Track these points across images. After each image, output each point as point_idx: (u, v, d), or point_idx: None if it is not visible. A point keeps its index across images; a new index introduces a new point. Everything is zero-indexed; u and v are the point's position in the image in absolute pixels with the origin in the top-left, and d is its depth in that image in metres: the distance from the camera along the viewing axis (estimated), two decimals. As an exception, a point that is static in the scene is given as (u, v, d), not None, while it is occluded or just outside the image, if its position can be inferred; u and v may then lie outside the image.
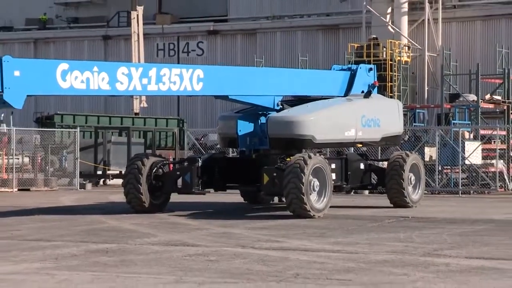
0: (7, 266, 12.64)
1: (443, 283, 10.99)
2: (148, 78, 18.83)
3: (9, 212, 22.84)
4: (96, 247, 14.92)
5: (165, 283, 11.02)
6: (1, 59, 16.20)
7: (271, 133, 21.85)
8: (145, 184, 21.79)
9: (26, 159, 38.25)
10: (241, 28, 60.09)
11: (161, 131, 42.66)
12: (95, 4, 64.62)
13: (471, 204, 26.60)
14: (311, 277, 11.51)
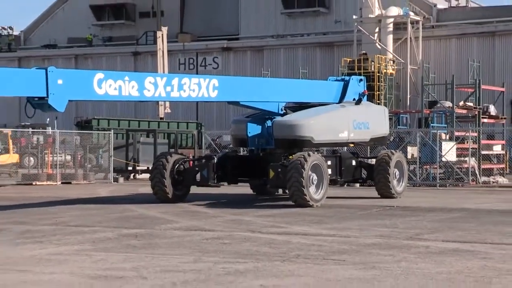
0: (52, 248, 12.66)
1: (423, 262, 10.97)
2: (171, 86, 18.82)
3: (54, 202, 22.89)
4: (127, 232, 14.95)
5: (186, 262, 11.02)
6: (47, 69, 16.21)
7: (276, 135, 21.86)
8: (169, 178, 21.82)
9: (68, 157, 38.32)
10: (251, 45, 60.11)
11: (182, 133, 42.71)
12: (127, 25, 64.72)
13: (447, 195, 26.56)
14: (310, 257, 11.51)
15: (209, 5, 62.97)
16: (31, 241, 13.55)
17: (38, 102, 16.23)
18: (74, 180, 34.32)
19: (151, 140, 38.96)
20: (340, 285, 9.20)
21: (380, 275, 9.88)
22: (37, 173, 35.31)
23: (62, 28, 66.17)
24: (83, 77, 17.73)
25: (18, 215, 18.89)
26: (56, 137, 35.69)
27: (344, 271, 10.19)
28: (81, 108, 55.75)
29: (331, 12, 58.04)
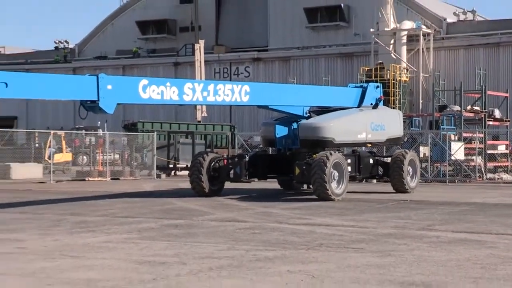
0: (102, 237, 12.74)
1: (434, 251, 10.89)
2: (207, 92, 18.86)
3: (104, 196, 23.04)
4: (169, 222, 15.00)
5: (221, 250, 11.03)
6: (98, 76, 16.35)
7: (301, 136, 21.85)
8: (205, 175, 21.88)
9: (116, 155, 38.56)
10: (278, 56, 60.11)
11: (217, 134, 42.81)
12: (168, 38, 65.03)
13: (456, 190, 26.34)
14: (332, 246, 11.47)
15: (241, 20, 63.10)
16: (85, 231, 13.65)
17: (90, 105, 16.35)
18: (121, 176, 34.54)
19: (190, 140, 39.12)
20: (359, 271, 9.16)
21: (395, 262, 9.83)
22: (89, 170, 35.59)
23: (112, 41, 66.68)
24: (129, 82, 17.86)
25: (73, 207, 19.05)
26: (106, 138, 35.94)
27: (362, 258, 10.14)
28: (128, 112, 56.08)
29: (351, 26, 57.84)
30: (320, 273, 9.03)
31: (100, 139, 37.25)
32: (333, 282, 8.48)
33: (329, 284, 8.36)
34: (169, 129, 40.64)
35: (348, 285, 8.30)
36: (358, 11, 57.52)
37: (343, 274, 8.97)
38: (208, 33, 61.17)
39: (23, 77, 16.24)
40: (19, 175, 32.90)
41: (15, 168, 33.46)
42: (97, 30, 69.41)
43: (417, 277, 8.74)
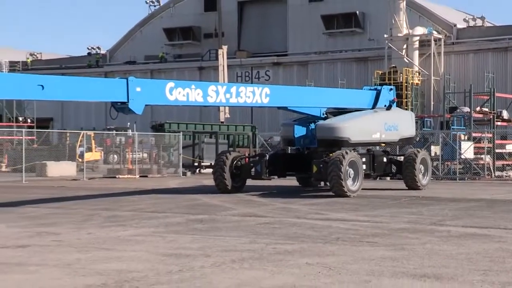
0: (132, 230, 12.80)
1: (445, 245, 10.84)
2: (230, 94, 18.86)
3: (133, 192, 23.17)
4: (193, 217, 15.04)
5: (243, 243, 11.04)
6: (127, 79, 16.43)
7: (319, 136, 21.81)
8: (228, 172, 21.91)
9: (145, 154, 38.75)
10: (297, 60, 60.06)
11: (239, 135, 42.84)
12: (193, 44, 65.19)
13: (466, 187, 26.16)
14: (348, 240, 11.45)
15: (262, 26, 63.11)
16: (115, 225, 13.73)
17: (121, 106, 16.42)
18: (149, 174, 34.70)
19: (213, 140, 39.21)
20: (373, 263, 9.13)
21: (408, 255, 9.79)
22: (119, 168, 35.81)
23: (140, 47, 66.98)
24: (157, 85, 17.92)
25: (105, 203, 19.17)
26: (135, 138, 36.11)
27: (377, 252, 10.11)
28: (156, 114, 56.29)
29: (366, 32, 57.65)
30: (337, 265, 9.02)
31: (129, 139, 37.44)
32: (349, 274, 8.46)
33: (345, 275, 8.35)
34: (194, 129, 40.74)
35: (363, 276, 8.28)
36: (372, 18, 57.31)
37: (358, 266, 8.95)
38: (230, 39, 61.25)
39: (58, 80, 16.40)
40: (54, 172, 33.17)
41: (50, 166, 33.73)
42: (127, 37, 69.77)
43: (428, 270, 8.70)
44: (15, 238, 11.90)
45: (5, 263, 9.38)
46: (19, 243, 11.28)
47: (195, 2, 65.50)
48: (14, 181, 30.00)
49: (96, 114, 63.40)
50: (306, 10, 59.97)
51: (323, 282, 7.95)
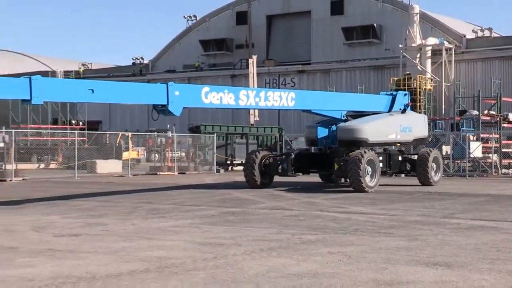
0: (171, 222, 12.86)
1: (455, 236, 10.72)
2: (259, 98, 18.86)
3: (173, 187, 23.28)
4: (226, 210, 15.07)
5: (271, 234, 11.04)
6: (167, 84, 16.53)
7: (340, 136, 21.74)
8: (257, 170, 21.93)
9: (183, 153, 38.92)
10: (320, 68, 59.85)
11: (267, 135, 42.83)
12: (226, 54, 65.32)
13: (475, 183, 25.84)
14: (366, 231, 11.38)
15: (288, 38, 63.01)
16: (157, 216, 13.81)
17: (161, 108, 16.51)
18: (187, 171, 34.86)
19: (244, 141, 39.25)
20: (389, 253, 9.06)
21: (421, 245, 9.70)
22: (160, 165, 36.00)
23: (179, 57, 67.32)
24: (193, 89, 18.00)
25: (147, 197, 19.30)
26: (174, 138, 36.32)
27: (392, 242, 10.03)
28: (192, 117, 56.50)
29: (382, 43, 57.24)
30: (356, 254, 8.97)
31: (169, 140, 37.66)
32: (367, 262, 8.40)
33: (364, 263, 8.29)
34: (226, 131, 40.84)
35: (380, 264, 8.22)
36: (388, 30, 56.91)
37: (376, 255, 8.89)
38: (260, 49, 61.25)
39: (106, 85, 16.59)
40: (103, 169, 33.49)
41: (99, 164, 34.06)
42: (167, 48, 70.16)
43: (440, 258, 8.61)
44: (69, 228, 12.04)
45: (60, 250, 9.50)
46: (72, 232, 11.41)
47: (228, 17, 65.66)
48: (68, 177, 30.35)
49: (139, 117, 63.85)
50: (328, 23, 59.76)
51: (343, 269, 7.91)
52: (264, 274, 7.66)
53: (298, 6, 61.75)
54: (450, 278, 7.43)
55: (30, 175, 29.97)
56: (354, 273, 7.68)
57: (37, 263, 8.47)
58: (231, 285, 7.09)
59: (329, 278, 7.40)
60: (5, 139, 33.45)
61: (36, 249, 9.52)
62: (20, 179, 27.95)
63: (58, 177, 30.41)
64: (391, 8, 57.00)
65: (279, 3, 62.96)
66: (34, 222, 12.90)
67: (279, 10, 63.12)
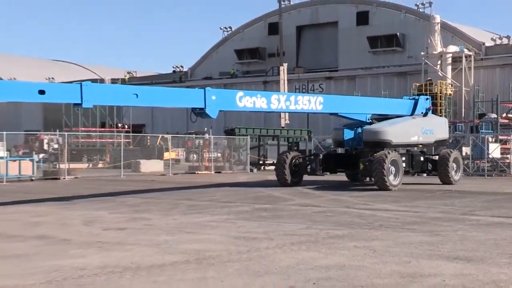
0: (208, 217, 12.92)
1: (475, 231, 10.55)
2: (290, 101, 18.84)
3: (210, 185, 23.38)
4: (259, 206, 15.08)
5: (301, 229, 11.02)
6: (205, 89, 16.62)
7: (365, 138, 21.59)
8: (288, 169, 21.90)
9: (219, 154, 39.04)
10: (346, 75, 59.42)
11: (297, 137, 42.72)
12: (259, 62, 65.31)
13: (493, 183, 25.37)
14: (390, 226, 11.27)
15: (316, 46, 62.76)
16: (195, 212, 13.89)
17: (199, 111, 16.62)
18: (223, 170, 34.96)
19: (275, 142, 39.24)
20: (412, 247, 8.96)
21: (442, 240, 9.57)
22: (198, 165, 36.17)
23: (215, 65, 67.55)
24: (229, 94, 18.05)
25: (186, 194, 19.43)
26: (211, 140, 36.46)
27: (415, 237, 9.92)
28: (228, 120, 56.67)
29: (405, 50, 56.59)
30: (381, 248, 8.89)
31: (206, 141, 37.81)
32: (391, 256, 8.33)
33: (388, 257, 8.22)
34: (259, 133, 40.85)
35: (404, 258, 8.13)
36: (411, 38, 56.27)
37: (399, 249, 8.80)
38: (290, 57, 61.11)
39: (149, 90, 16.79)
40: (146, 169, 33.79)
41: (143, 163, 34.38)
42: (205, 57, 70.50)
43: (460, 253, 8.49)
44: (116, 222, 12.19)
45: (108, 242, 9.62)
46: (119, 226, 11.55)
47: (260, 27, 65.70)
48: (114, 175, 30.72)
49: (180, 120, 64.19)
50: (354, 33, 59.35)
51: (369, 262, 7.86)
52: (294, 266, 7.65)
53: (326, 17, 61.49)
54: (470, 271, 7.32)
55: (81, 173, 30.41)
56: (378, 266, 7.61)
57: (88, 254, 8.60)
58: (264, 276, 7.09)
59: (355, 270, 7.35)
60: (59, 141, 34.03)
61: (87, 241, 9.66)
62: (72, 177, 28.39)
63: (106, 175, 30.81)
64: (414, 18, 56.34)
65: (308, 14, 62.76)
66: (85, 216, 13.10)
67: (308, 21, 62.91)
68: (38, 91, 13.26)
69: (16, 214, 13.64)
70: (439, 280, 6.86)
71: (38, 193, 19.59)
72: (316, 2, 62.75)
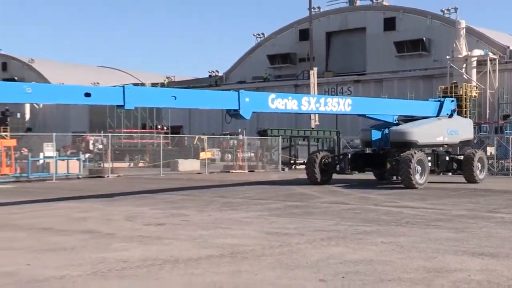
0: (241, 213, 12.94)
1: (500, 228, 10.34)
2: (319, 103, 18.76)
3: (243, 183, 23.42)
4: (291, 204, 15.05)
5: (330, 225, 10.95)
6: (239, 92, 16.66)
7: (392, 138, 21.38)
8: (318, 168, 21.81)
9: (252, 154, 39.10)
10: (373, 78, 58.85)
11: (327, 138, 42.48)
12: (290, 67, 65.18)
13: (517, 181, 24.81)
14: (416, 223, 11.12)
15: (345, 51, 62.35)
16: (230, 209, 13.93)
17: (233, 113, 16.66)
18: (256, 169, 34.98)
19: (306, 143, 39.10)
20: (438, 243, 8.82)
21: (468, 237, 9.39)
22: (232, 164, 36.28)
23: (249, 70, 67.68)
24: (261, 96, 18.02)
25: (221, 191, 19.50)
26: (245, 141, 36.51)
27: (441, 233, 9.76)
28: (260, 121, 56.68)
29: (431, 54, 55.78)
30: (407, 244, 8.78)
31: (240, 142, 37.90)
32: (418, 251, 8.21)
33: (414, 252, 8.11)
34: (290, 134, 40.75)
35: (430, 253, 8.01)
36: (436, 43, 55.44)
37: (425, 245, 8.67)
38: (319, 62, 60.83)
39: (186, 92, 16.96)
40: (183, 168, 34.00)
41: (181, 162, 34.61)
42: (239, 62, 70.68)
43: (485, 249, 8.32)
44: (155, 217, 12.31)
45: (148, 236, 9.72)
46: (158, 221, 11.66)
47: (292, 34, 65.59)
48: (154, 174, 31.03)
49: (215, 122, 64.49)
50: (381, 38, 58.78)
51: (396, 258, 7.76)
52: (324, 260, 7.61)
53: (354, 23, 61.07)
54: (496, 267, 7.17)
55: (124, 172, 30.81)
56: (405, 261, 7.51)
57: (130, 247, 8.70)
58: (295, 270, 7.07)
59: (383, 265, 7.27)
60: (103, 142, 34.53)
61: (129, 236, 9.78)
62: (116, 175, 28.77)
63: (146, 174, 31.14)
64: (439, 24, 55.49)
65: (338, 21, 62.42)
66: (127, 212, 13.26)
67: (337, 27, 62.56)
68: (84, 93, 13.49)
69: (64, 210, 13.90)
70: (464, 275, 6.73)
71: (84, 190, 19.92)
72: (345, 9, 62.40)
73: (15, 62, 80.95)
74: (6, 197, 17.25)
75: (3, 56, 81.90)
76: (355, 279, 6.59)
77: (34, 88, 12.81)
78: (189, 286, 6.36)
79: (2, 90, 12.48)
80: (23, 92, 12.25)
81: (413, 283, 6.38)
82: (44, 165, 27.36)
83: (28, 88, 12.33)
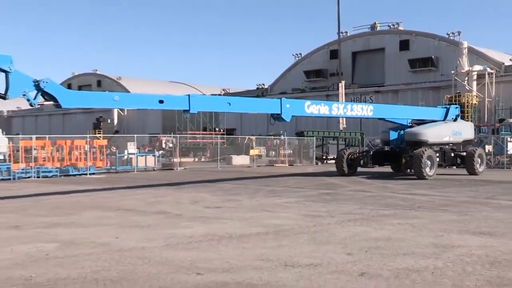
0: (283, 199, 12.95)
1: (497, 212, 10.00)
2: (347, 109, 18.64)
3: (284, 175, 23.39)
4: (323, 191, 14.96)
5: (355, 209, 10.84)
6: (281, 99, 16.70)
7: (407, 138, 20.99)
8: (345, 162, 21.58)
9: (291, 151, 39.00)
10: (391, 89, 57.65)
11: (352, 138, 41.92)
12: (323, 80, 64.52)
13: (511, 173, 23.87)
14: (427, 208, 10.88)
15: (367, 67, 61.37)
16: (273, 195, 13.96)
17: (276, 116, 16.66)
18: (294, 163, 34.86)
19: (335, 142, 38.71)
20: (445, 224, 8.61)
21: (469, 219, 9.13)
22: (275, 159, 36.25)
23: (289, 83, 67.43)
24: (299, 103, 18.00)
25: (266, 181, 19.55)
26: (285, 140, 36.43)
27: (447, 216, 9.52)
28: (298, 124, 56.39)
29: (439, 70, 54.23)
30: (419, 225, 8.61)
31: (282, 141, 37.85)
32: (428, 230, 8.04)
33: (425, 231, 7.95)
34: (322, 135, 40.41)
35: (438, 232, 7.84)
36: (443, 60, 53.91)
37: (434, 226, 8.49)
38: (347, 76, 60.07)
39: (239, 99, 17.23)
40: (236, 162, 34.25)
41: (234, 158, 34.87)
42: (281, 76, 70.52)
43: (484, 229, 8.07)
44: (214, 202, 12.47)
45: (208, 217, 9.87)
46: (216, 205, 11.81)
47: (324, 53, 65.05)
48: (213, 167, 31.37)
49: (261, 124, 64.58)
50: (397, 56, 57.60)
51: (409, 236, 7.63)
52: (351, 237, 7.55)
53: (375, 45, 60.14)
54: (492, 244, 6.96)
55: (189, 165, 31.26)
56: (417, 239, 7.38)
57: (194, 225, 8.86)
58: (326, 245, 7.05)
59: (399, 242, 7.16)
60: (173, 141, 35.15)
61: (193, 216, 9.95)
62: (183, 168, 29.24)
63: (207, 167, 31.51)
64: (445, 44, 54.05)
65: (361, 43, 61.53)
66: (192, 197, 13.48)
67: (361, 48, 61.66)
68: (158, 100, 13.83)
69: (142, 195, 14.25)
70: (466, 250, 6.57)
71: (158, 180, 20.35)
72: (367, 33, 61.58)
73: (107, 80, 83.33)
74: (101, 184, 17.83)
75: (98, 75, 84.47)
76: (376, 253, 6.52)
77: (121, 96, 13.26)
78: (241, 257, 6.44)
79: (98, 98, 13.16)
80: (112, 99, 12.75)
81: (424, 256, 6.27)
82: (127, 159, 28.11)
83: (116, 97, 12.82)
